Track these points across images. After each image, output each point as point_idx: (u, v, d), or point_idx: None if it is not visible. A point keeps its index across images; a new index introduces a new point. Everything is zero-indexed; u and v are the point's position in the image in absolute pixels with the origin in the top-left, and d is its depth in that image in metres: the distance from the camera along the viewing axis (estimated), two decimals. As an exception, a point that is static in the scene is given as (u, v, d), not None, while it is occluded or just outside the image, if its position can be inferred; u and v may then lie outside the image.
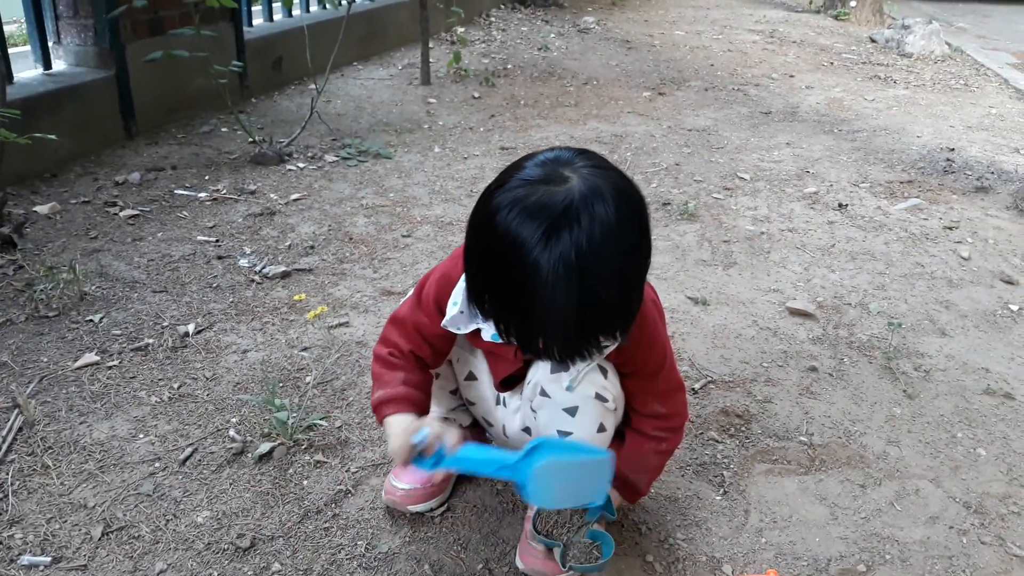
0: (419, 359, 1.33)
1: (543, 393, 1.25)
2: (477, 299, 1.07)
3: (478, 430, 1.53)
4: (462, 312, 1.20)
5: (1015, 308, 2.30)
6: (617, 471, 1.30)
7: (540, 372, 1.25)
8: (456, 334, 1.26)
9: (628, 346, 1.18)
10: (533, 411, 1.30)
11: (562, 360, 1.06)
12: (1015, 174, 3.39)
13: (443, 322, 1.22)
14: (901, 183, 3.27)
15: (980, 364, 2.02)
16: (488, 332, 1.21)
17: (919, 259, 2.58)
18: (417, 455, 1.18)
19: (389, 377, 1.31)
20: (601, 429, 1.28)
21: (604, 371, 1.24)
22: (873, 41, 6.42)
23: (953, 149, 3.73)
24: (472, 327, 1.21)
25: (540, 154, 1.04)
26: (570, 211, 0.96)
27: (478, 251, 1.05)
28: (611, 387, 1.24)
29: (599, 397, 1.23)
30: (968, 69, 5.65)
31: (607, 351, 1.18)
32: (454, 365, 1.40)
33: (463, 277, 1.20)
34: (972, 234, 2.79)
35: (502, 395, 1.39)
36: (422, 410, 1.31)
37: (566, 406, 1.24)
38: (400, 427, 1.23)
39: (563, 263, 0.95)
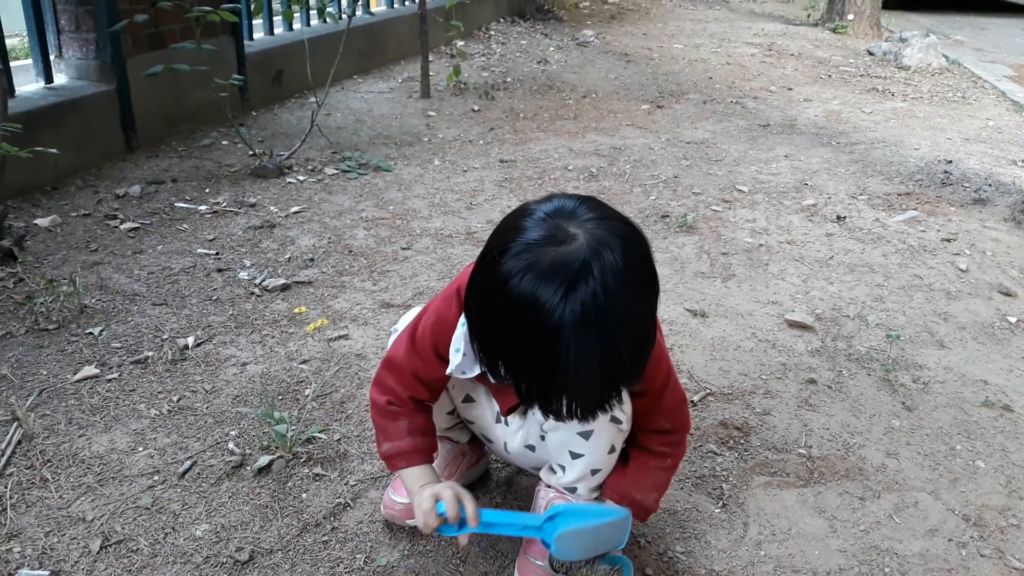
0: (418, 401, 1.32)
1: None
2: (491, 365, 1.04)
3: (476, 443, 1.53)
4: (465, 356, 1.19)
5: (1013, 320, 2.30)
6: (625, 492, 1.31)
7: None
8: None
9: (655, 341, 1.18)
10: (543, 431, 1.30)
11: (583, 418, 1.03)
12: (1013, 186, 3.40)
13: (449, 370, 1.21)
14: (899, 195, 3.28)
15: (978, 376, 2.02)
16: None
17: (917, 271, 2.59)
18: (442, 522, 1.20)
19: (393, 429, 1.30)
20: (612, 450, 1.29)
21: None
22: (871, 54, 6.45)
23: (951, 161, 3.74)
24: (477, 370, 1.20)
25: (538, 208, 1.01)
26: (585, 269, 0.94)
27: (491, 320, 1.01)
28: (624, 408, 1.25)
29: (614, 420, 1.24)
30: (965, 82, 5.68)
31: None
32: (450, 390, 1.39)
33: (461, 320, 1.19)
34: (970, 246, 2.80)
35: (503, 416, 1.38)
36: (430, 454, 1.31)
37: (581, 430, 1.24)
38: (416, 483, 1.26)
39: (583, 321, 0.93)
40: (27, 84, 3.08)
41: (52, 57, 3.16)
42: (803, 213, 3.05)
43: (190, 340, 2.00)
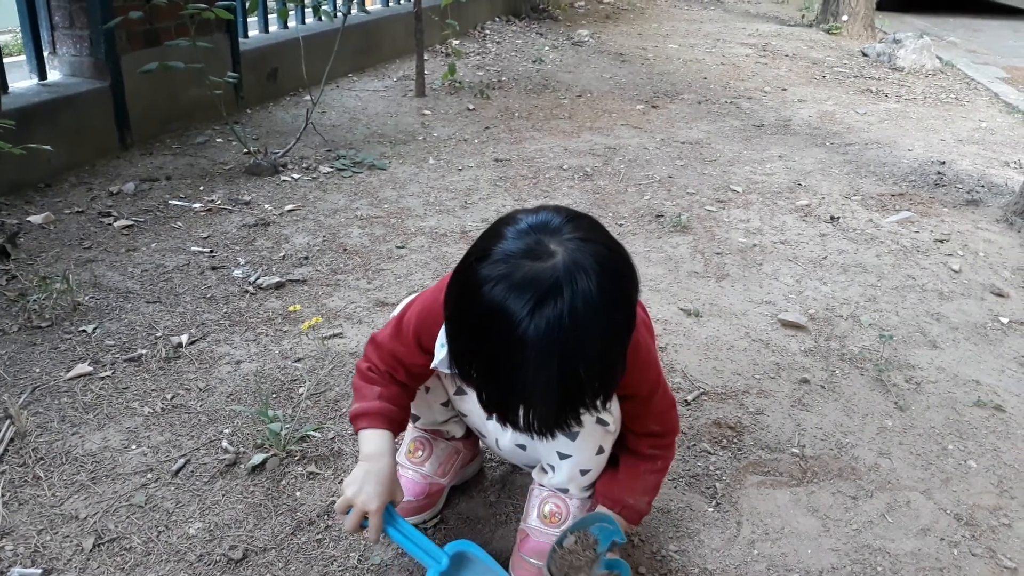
0: (395, 379, 1.32)
1: None
2: (462, 369, 1.05)
3: (471, 441, 1.53)
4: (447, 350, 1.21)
5: (1005, 321, 2.32)
6: (618, 497, 1.31)
7: None
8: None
9: (625, 371, 1.19)
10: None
11: (541, 433, 1.03)
12: (1005, 187, 3.42)
13: (433, 364, 1.22)
14: (892, 196, 3.30)
15: (971, 376, 2.03)
16: None
17: (910, 272, 2.60)
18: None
19: (366, 391, 1.31)
20: (600, 451, 1.29)
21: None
22: (865, 55, 6.47)
23: (944, 162, 3.76)
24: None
25: (524, 219, 1.01)
26: (555, 289, 0.94)
27: (460, 321, 1.03)
28: (612, 410, 1.25)
29: (600, 422, 1.24)
30: (959, 83, 5.70)
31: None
32: (443, 379, 1.40)
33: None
34: (963, 247, 2.81)
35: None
36: (397, 426, 1.30)
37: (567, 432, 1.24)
38: (371, 446, 1.26)
39: (546, 338, 0.94)
40: (21, 80, 3.07)
41: (46, 53, 3.15)
42: (797, 213, 3.06)
43: (184, 338, 1.99)
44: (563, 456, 1.29)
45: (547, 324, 0.93)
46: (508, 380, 0.98)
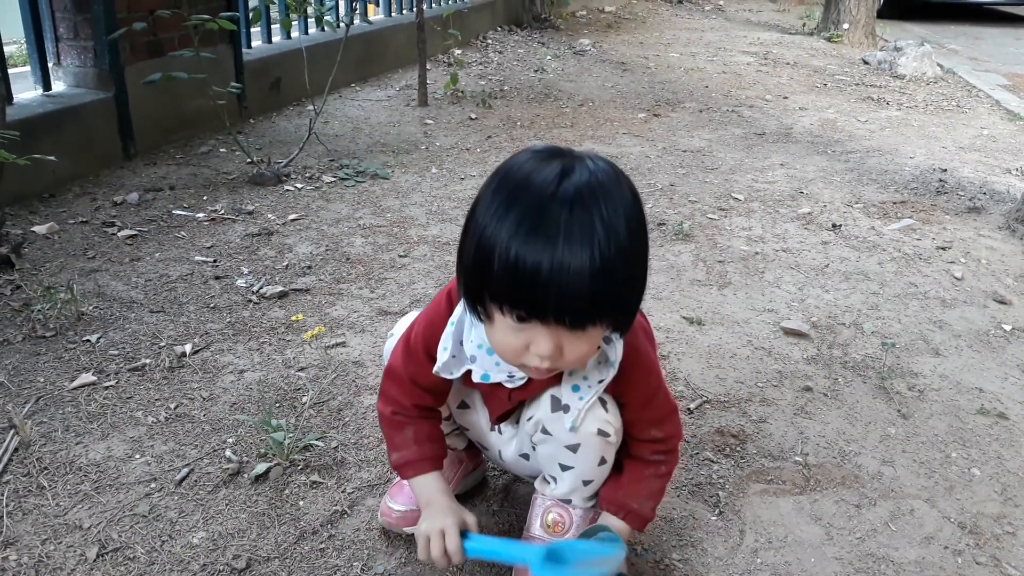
0: (422, 408, 1.33)
1: (544, 431, 1.25)
2: (478, 277, 1.03)
3: (473, 450, 1.53)
4: (454, 356, 1.22)
5: (1008, 328, 2.31)
6: (621, 502, 1.31)
7: (541, 411, 1.25)
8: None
9: (624, 375, 1.20)
10: (533, 444, 1.30)
11: (573, 325, 1.01)
12: (1007, 194, 3.42)
13: (434, 368, 1.23)
14: (894, 204, 3.30)
15: (974, 384, 2.03)
16: (478, 373, 1.22)
17: (912, 279, 2.60)
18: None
19: (399, 439, 1.32)
20: (602, 462, 1.29)
21: (605, 405, 1.24)
22: (866, 63, 6.49)
23: (946, 170, 3.76)
24: (463, 370, 1.23)
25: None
26: (580, 164, 1.02)
27: (488, 204, 1.02)
28: (613, 420, 1.25)
29: (601, 432, 1.24)
30: (960, 90, 5.71)
31: (605, 381, 1.19)
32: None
33: (451, 319, 1.22)
34: (965, 254, 2.81)
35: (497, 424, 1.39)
36: (440, 461, 1.33)
37: (568, 444, 1.25)
38: (425, 491, 1.29)
39: (576, 198, 0.98)
40: (25, 91, 3.08)
41: (50, 64, 3.17)
42: (799, 221, 3.06)
43: (187, 347, 2.00)
44: (565, 467, 1.29)
45: (575, 188, 0.99)
46: (538, 248, 0.96)
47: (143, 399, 1.80)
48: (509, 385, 1.23)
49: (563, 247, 0.96)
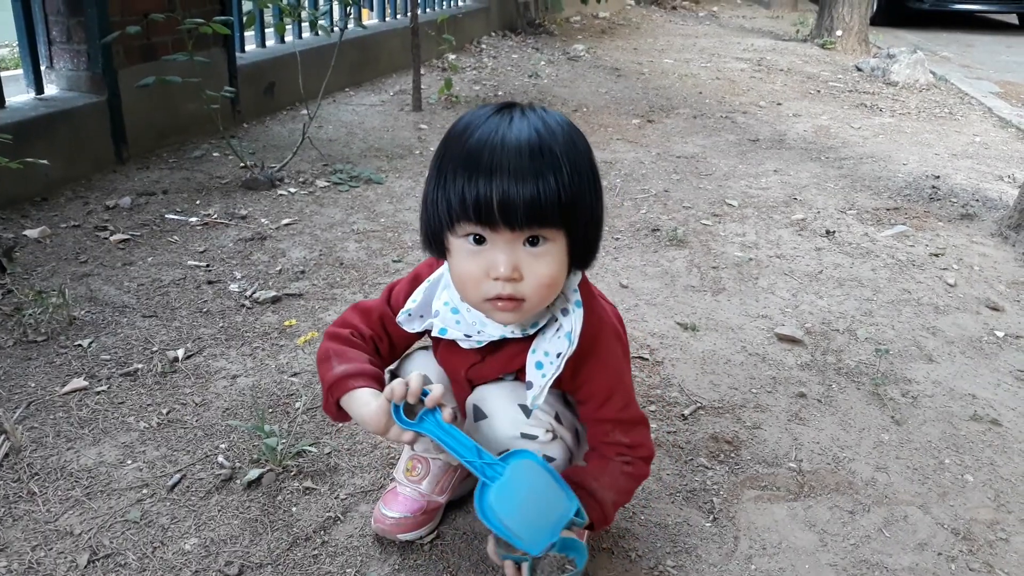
0: (378, 349, 1.32)
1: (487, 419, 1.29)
2: (434, 200, 1.12)
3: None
4: (421, 314, 1.26)
5: (1001, 334, 2.32)
6: (581, 481, 1.26)
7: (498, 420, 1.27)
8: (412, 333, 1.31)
9: (582, 363, 1.22)
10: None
11: (523, 223, 1.08)
12: (999, 201, 3.44)
13: (397, 317, 1.26)
14: (887, 210, 3.31)
15: (967, 390, 2.03)
16: (437, 327, 1.24)
17: (906, 285, 2.61)
18: (400, 408, 1.14)
19: (353, 354, 1.25)
20: (550, 460, 1.27)
21: (555, 413, 1.29)
22: (859, 70, 6.51)
23: (939, 177, 3.77)
24: (424, 325, 1.26)
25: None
26: (528, 107, 1.15)
27: (443, 152, 1.14)
28: (542, 418, 1.27)
29: (525, 436, 1.25)
30: (953, 98, 5.74)
31: (563, 354, 1.18)
32: None
33: (430, 277, 1.27)
34: (958, 261, 2.82)
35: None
36: (382, 387, 1.24)
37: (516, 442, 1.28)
38: (373, 399, 1.17)
39: (522, 114, 1.12)
40: (17, 95, 3.07)
41: (43, 68, 3.16)
42: (792, 227, 3.07)
43: (180, 352, 1.99)
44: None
45: (525, 113, 1.12)
46: (486, 166, 1.06)
47: (135, 404, 1.79)
48: (465, 345, 1.25)
49: (505, 131, 1.09)
